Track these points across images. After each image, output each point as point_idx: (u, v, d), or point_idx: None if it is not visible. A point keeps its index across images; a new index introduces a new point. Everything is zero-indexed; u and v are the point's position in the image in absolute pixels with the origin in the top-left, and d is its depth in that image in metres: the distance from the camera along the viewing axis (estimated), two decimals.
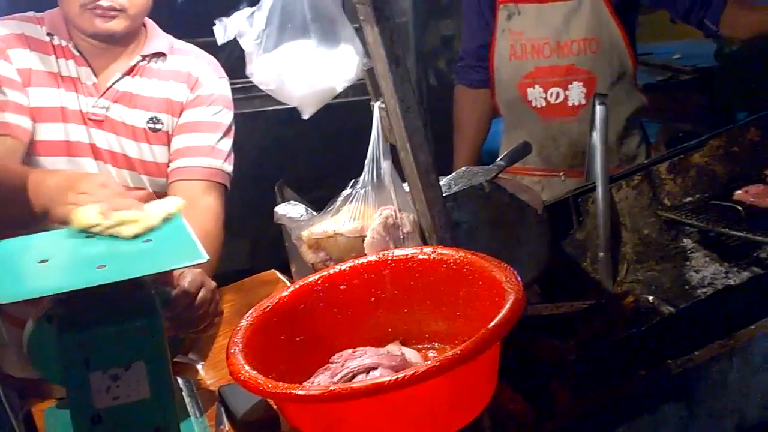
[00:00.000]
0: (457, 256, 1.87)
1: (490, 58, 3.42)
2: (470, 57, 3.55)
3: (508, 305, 1.62)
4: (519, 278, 1.71)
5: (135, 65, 2.63)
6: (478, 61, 3.50)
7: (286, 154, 4.63)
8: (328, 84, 2.06)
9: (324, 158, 4.61)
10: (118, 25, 2.52)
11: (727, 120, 5.39)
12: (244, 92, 3.48)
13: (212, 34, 2.06)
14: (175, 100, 2.64)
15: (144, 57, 2.65)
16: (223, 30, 2.04)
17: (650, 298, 2.44)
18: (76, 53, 2.58)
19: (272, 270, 2.94)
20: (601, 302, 2.42)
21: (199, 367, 2.39)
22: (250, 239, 4.67)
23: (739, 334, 1.99)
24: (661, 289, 2.50)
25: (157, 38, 2.70)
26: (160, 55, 2.67)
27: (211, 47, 2.38)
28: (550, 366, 1.99)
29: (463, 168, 2.45)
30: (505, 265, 1.78)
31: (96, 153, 2.57)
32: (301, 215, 2.14)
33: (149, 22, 2.72)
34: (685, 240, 2.65)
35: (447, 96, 3.80)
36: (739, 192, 2.65)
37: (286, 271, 2.67)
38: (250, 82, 2.09)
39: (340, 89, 2.07)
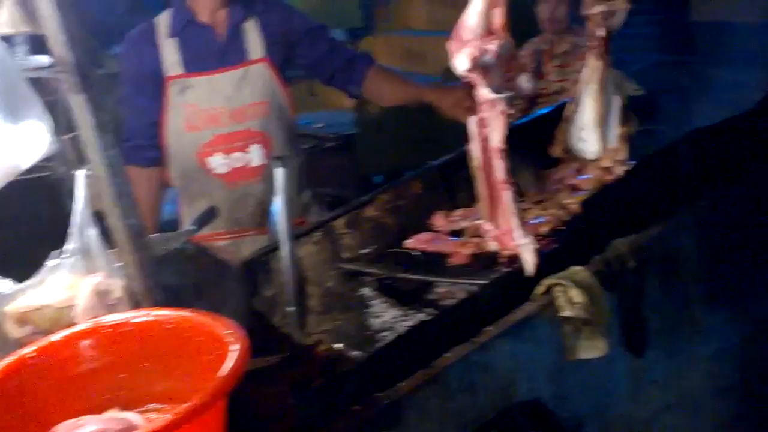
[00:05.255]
0: (174, 316, 1.91)
1: (161, 134, 3.46)
2: (139, 136, 3.50)
3: (233, 357, 1.69)
4: (242, 330, 1.78)
5: None
6: (149, 139, 3.49)
7: None
8: (12, 161, 2.03)
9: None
10: None
11: (367, 184, 5.77)
12: None
13: None
14: None
15: None
16: None
17: (339, 345, 2.58)
18: None
19: None
20: (295, 354, 2.53)
21: None
22: None
23: (437, 362, 2.16)
24: (347, 337, 2.65)
25: None
26: None
27: None
28: (268, 413, 2.06)
29: (155, 235, 2.47)
30: (226, 319, 1.85)
31: None
32: (4, 290, 2.08)
33: None
34: (364, 289, 2.83)
35: None
36: (409, 240, 2.89)
37: None
38: None
39: (25, 166, 2.05)
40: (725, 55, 3.60)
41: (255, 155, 3.43)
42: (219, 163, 3.42)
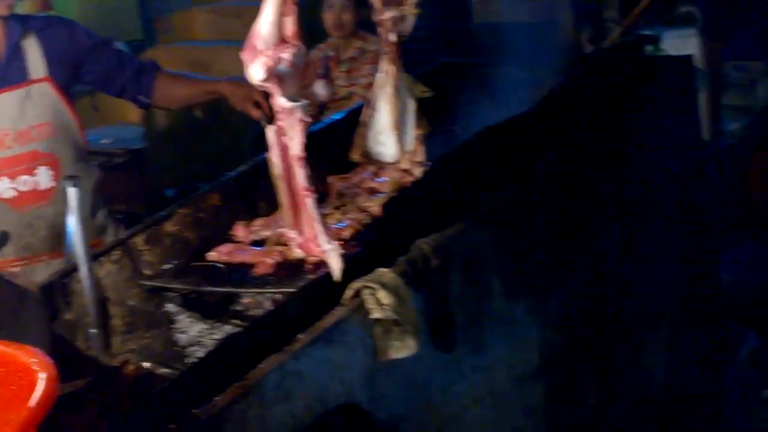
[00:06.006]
0: None
1: None
2: None
3: (41, 386, 1.63)
4: (48, 357, 1.71)
5: None
6: None
7: None
8: None
9: None
10: None
11: (160, 198, 5.68)
12: None
13: None
14: None
15: None
16: None
17: (146, 364, 2.53)
18: None
19: None
20: (102, 376, 2.46)
21: None
22: None
23: (251, 374, 2.14)
24: (155, 354, 2.61)
25: None
26: None
27: None
28: None
29: None
30: (29, 347, 1.77)
31: None
32: None
33: None
34: (168, 305, 2.79)
35: None
36: (212, 253, 2.85)
37: None
38: None
39: None
40: (505, 55, 3.73)
41: (43, 178, 3.35)
42: (4, 187, 3.31)
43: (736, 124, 4.86)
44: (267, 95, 2.60)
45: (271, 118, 2.60)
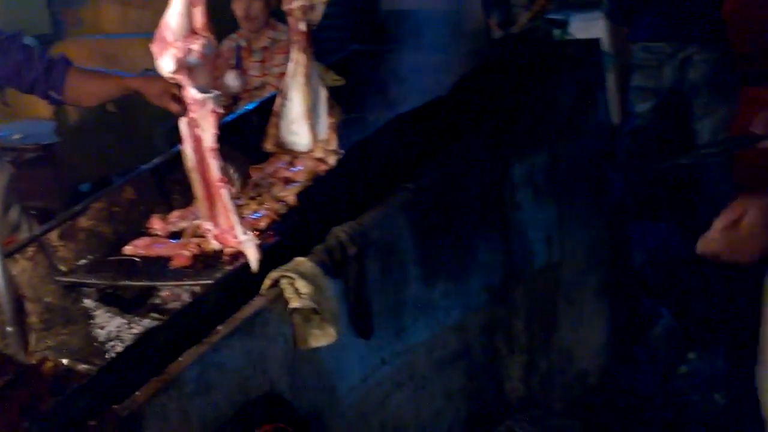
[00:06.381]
0: None
1: None
2: None
3: None
4: None
5: None
6: None
7: None
8: None
9: None
10: None
11: (75, 193, 5.60)
12: None
13: None
14: None
15: None
16: None
17: (65, 360, 2.52)
18: None
19: None
20: (20, 375, 2.43)
21: None
22: None
23: (171, 367, 2.14)
24: (73, 351, 2.59)
25: None
26: None
27: None
28: None
29: None
30: None
31: None
32: None
33: None
34: (86, 300, 2.78)
35: None
36: (128, 246, 2.83)
37: None
38: None
39: None
40: (416, 42, 3.76)
41: None
42: None
43: (644, 105, 4.95)
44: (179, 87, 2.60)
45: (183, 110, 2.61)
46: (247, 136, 3.18)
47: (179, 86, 2.56)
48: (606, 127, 3.75)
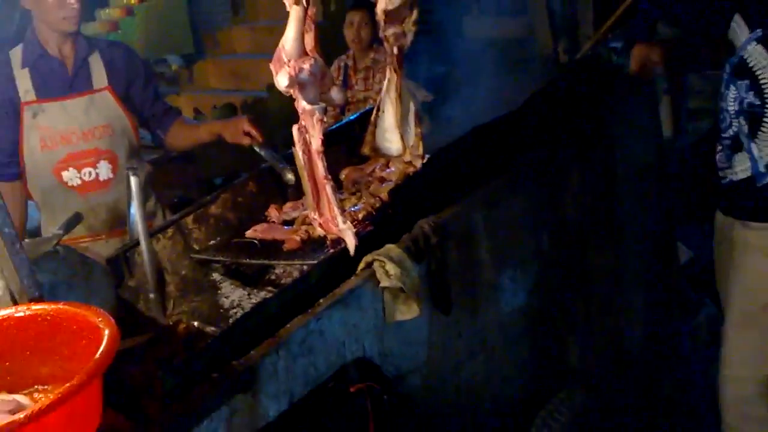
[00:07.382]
0: (49, 309, 1.86)
1: (20, 153, 3.37)
2: (2, 154, 3.46)
3: (105, 341, 1.67)
4: (111, 317, 1.75)
5: None
6: (10, 157, 3.43)
7: None
8: None
9: None
10: None
11: (209, 184, 5.71)
12: None
13: None
14: None
15: None
16: None
17: (196, 323, 2.58)
18: None
19: None
20: (158, 333, 2.50)
21: None
22: None
23: (281, 332, 2.18)
24: (203, 315, 2.65)
25: None
26: None
27: None
28: (138, 387, 2.04)
29: (27, 240, 2.40)
30: (96, 308, 1.82)
31: None
32: None
33: None
34: (214, 274, 2.84)
35: None
36: (249, 231, 2.89)
37: None
38: None
39: None
40: (492, 64, 3.75)
41: (103, 170, 3.45)
42: (71, 176, 3.41)
43: (697, 124, 4.85)
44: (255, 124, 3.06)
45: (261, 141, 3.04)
46: (350, 142, 3.23)
47: (253, 122, 2.95)
48: (659, 141, 3.68)
